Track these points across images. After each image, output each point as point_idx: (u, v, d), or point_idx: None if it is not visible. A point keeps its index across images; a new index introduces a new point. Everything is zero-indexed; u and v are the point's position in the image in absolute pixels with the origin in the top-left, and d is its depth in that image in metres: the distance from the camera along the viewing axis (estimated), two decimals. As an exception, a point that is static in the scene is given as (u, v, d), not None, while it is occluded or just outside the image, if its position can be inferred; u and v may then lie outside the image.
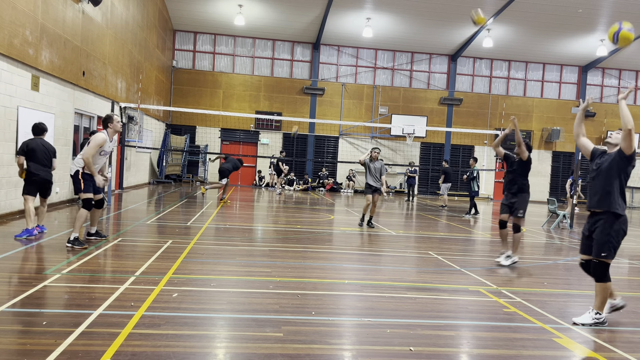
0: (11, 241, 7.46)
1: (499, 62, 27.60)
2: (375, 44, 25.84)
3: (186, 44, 25.66)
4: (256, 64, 26.02)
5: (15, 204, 9.87)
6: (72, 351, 3.43)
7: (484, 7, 21.78)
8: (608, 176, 4.77)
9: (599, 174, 4.85)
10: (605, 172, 4.80)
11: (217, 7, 22.74)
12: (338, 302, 5.14)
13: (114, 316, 4.19)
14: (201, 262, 6.55)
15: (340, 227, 11.17)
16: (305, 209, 15.19)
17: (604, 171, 4.82)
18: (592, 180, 4.95)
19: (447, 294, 5.71)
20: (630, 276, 7.66)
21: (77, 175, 7.32)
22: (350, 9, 22.45)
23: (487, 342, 4.23)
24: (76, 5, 12.25)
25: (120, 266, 6.19)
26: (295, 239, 8.97)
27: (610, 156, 4.83)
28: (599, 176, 4.85)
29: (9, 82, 9.42)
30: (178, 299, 4.82)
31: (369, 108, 26.36)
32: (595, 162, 4.96)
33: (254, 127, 25.53)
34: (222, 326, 4.23)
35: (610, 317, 5.09)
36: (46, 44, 10.69)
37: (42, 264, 5.99)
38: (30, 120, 10.23)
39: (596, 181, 4.88)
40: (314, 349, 3.77)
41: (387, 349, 3.87)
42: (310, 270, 6.52)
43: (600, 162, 4.90)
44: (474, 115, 27.03)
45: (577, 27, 23.29)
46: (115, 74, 15.73)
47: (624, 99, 4.65)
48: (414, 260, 7.86)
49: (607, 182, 4.77)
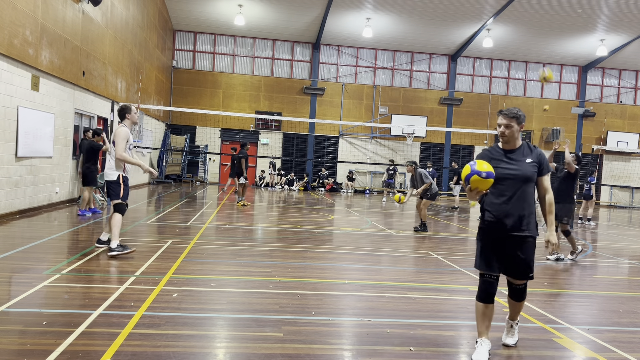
0: (11, 241, 7.46)
1: (499, 62, 27.60)
2: (375, 44, 25.84)
3: (186, 44, 25.66)
4: (256, 64, 26.02)
5: (16, 204, 9.88)
6: (72, 351, 3.43)
7: (484, 7, 21.80)
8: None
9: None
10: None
11: (217, 7, 22.73)
12: (338, 302, 5.14)
13: (114, 316, 4.19)
14: (201, 262, 6.55)
15: (340, 227, 11.17)
16: (305, 209, 15.19)
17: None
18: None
19: (447, 294, 5.71)
20: (630, 276, 7.66)
21: (119, 180, 6.86)
22: (350, 9, 22.44)
23: (487, 342, 4.21)
24: (76, 5, 12.25)
25: (120, 266, 6.19)
26: (295, 239, 8.97)
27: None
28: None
29: (9, 82, 9.41)
30: (178, 299, 4.82)
31: (369, 108, 26.36)
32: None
33: (254, 127, 25.52)
34: (222, 326, 4.22)
35: (610, 317, 5.09)
36: (46, 44, 10.69)
37: (42, 264, 5.99)
38: (30, 120, 10.24)
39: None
40: (314, 349, 3.77)
41: (387, 349, 3.87)
42: (310, 270, 6.52)
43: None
44: (474, 115, 27.03)
45: (577, 27, 23.28)
46: (115, 74, 15.72)
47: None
48: (414, 260, 7.86)
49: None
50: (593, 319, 5.04)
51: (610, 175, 27.39)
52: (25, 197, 10.29)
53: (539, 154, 3.83)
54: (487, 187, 3.64)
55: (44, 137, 10.88)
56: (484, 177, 3.58)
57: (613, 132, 27.60)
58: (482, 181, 3.59)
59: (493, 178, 3.62)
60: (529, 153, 3.83)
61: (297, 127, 25.65)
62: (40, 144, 10.75)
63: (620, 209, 25.53)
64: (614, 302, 5.74)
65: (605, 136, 27.69)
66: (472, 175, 3.59)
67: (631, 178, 27.27)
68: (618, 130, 27.81)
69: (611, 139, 27.44)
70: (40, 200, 10.97)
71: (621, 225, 16.37)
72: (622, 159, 27.64)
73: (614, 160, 27.61)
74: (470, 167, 3.62)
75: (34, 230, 8.58)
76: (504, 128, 3.81)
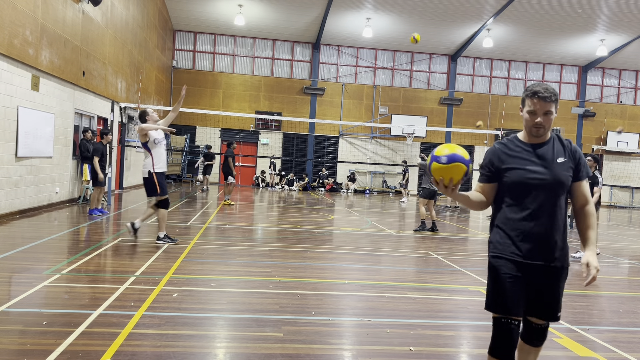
0: (11, 241, 7.46)
1: (499, 62, 27.60)
2: (375, 44, 25.84)
3: (186, 44, 25.66)
4: (256, 64, 26.02)
5: (16, 204, 9.88)
6: (72, 351, 3.43)
7: (484, 7, 21.80)
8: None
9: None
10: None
11: (217, 7, 22.73)
12: (338, 302, 5.14)
13: (114, 316, 4.19)
14: (201, 262, 6.55)
15: (340, 227, 11.17)
16: (305, 209, 15.18)
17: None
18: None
19: (447, 294, 5.71)
20: (630, 276, 7.66)
21: (151, 177, 7.37)
22: (350, 9, 22.44)
23: (487, 342, 4.20)
24: (76, 5, 12.25)
25: (120, 266, 6.19)
26: (295, 239, 8.97)
27: None
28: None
29: (9, 82, 9.41)
30: (178, 299, 4.82)
31: (369, 108, 26.36)
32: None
33: (254, 127, 25.52)
34: (222, 326, 4.22)
35: (611, 317, 5.09)
36: (46, 44, 10.69)
37: (42, 264, 5.98)
38: (30, 120, 10.24)
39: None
40: (314, 349, 3.77)
41: (387, 349, 3.87)
42: (310, 270, 6.52)
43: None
44: (474, 115, 27.02)
45: (577, 27, 23.28)
46: (115, 74, 15.72)
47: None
48: (414, 260, 7.86)
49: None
50: (593, 319, 5.04)
51: (610, 175, 27.38)
52: (25, 197, 10.29)
53: (574, 151, 2.76)
54: (460, 175, 2.66)
55: (44, 137, 10.88)
56: (444, 162, 2.64)
57: (613, 132, 27.61)
58: (445, 169, 2.64)
59: (462, 162, 2.64)
60: (561, 150, 2.75)
61: (297, 127, 25.64)
62: (40, 144, 10.74)
63: (620, 209, 25.53)
64: (614, 302, 5.74)
65: (606, 136, 27.69)
66: (431, 163, 2.70)
67: (631, 178, 27.27)
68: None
69: (611, 139, 27.44)
70: (40, 200, 10.96)
71: (621, 225, 16.37)
72: (622, 159, 27.64)
73: (614, 161, 27.61)
74: (430, 155, 2.76)
75: (34, 230, 8.58)
76: (541, 117, 2.68)
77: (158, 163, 7.46)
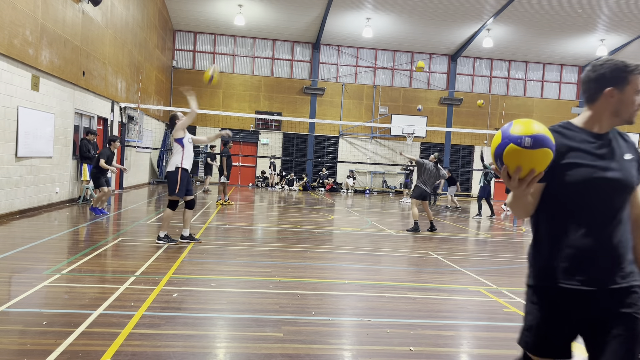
0: (11, 241, 7.47)
1: (499, 62, 27.60)
2: (375, 44, 25.84)
3: (186, 44, 25.66)
4: (256, 64, 26.02)
5: (16, 204, 9.88)
6: (72, 351, 3.43)
7: (484, 7, 21.80)
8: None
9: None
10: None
11: (217, 7, 22.73)
12: (338, 302, 5.14)
13: (114, 316, 4.19)
14: (201, 262, 6.55)
15: (340, 227, 11.17)
16: (305, 209, 15.18)
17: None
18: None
19: (447, 294, 5.71)
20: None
21: (177, 172, 7.47)
22: (350, 9, 22.44)
23: (487, 342, 4.23)
24: (76, 5, 12.25)
25: (120, 266, 6.19)
26: (295, 239, 8.97)
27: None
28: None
29: (9, 82, 9.41)
30: (178, 299, 4.82)
31: (369, 108, 26.36)
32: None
33: (254, 127, 25.52)
34: (222, 326, 4.23)
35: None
36: (46, 44, 10.69)
37: (42, 264, 5.99)
38: (30, 120, 10.24)
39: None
40: (314, 349, 3.77)
41: (387, 349, 3.87)
42: (310, 270, 6.52)
43: None
44: (474, 115, 27.03)
45: (577, 27, 23.28)
46: (115, 74, 15.72)
47: None
48: (414, 260, 7.86)
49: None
50: None
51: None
52: (25, 197, 10.29)
53: (637, 148, 2.17)
54: (544, 165, 1.84)
55: (44, 137, 10.88)
56: (527, 145, 1.79)
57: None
58: (528, 154, 1.80)
59: (551, 149, 1.82)
60: (625, 144, 2.13)
61: (297, 127, 25.64)
62: (40, 144, 10.74)
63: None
64: None
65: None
66: (506, 144, 1.83)
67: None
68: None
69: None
70: (40, 200, 10.97)
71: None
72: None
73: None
74: (502, 133, 1.87)
75: (34, 230, 8.58)
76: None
77: (187, 159, 7.65)
